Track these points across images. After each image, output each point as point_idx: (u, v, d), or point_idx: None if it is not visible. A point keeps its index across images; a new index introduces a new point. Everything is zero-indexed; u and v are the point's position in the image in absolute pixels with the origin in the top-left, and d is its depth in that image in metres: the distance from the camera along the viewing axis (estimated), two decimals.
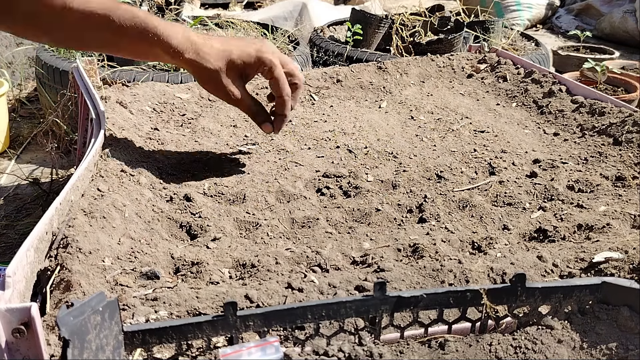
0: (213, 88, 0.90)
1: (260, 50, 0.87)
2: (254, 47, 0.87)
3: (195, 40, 0.86)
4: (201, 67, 0.86)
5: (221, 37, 0.90)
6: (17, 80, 2.54)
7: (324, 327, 0.54)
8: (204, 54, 0.85)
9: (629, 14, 3.87)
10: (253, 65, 0.87)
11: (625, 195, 0.85)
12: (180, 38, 0.84)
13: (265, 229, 0.79)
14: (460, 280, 0.65)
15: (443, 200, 0.87)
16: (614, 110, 1.10)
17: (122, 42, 0.85)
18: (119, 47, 0.88)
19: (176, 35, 0.84)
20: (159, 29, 0.83)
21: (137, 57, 0.93)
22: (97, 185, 0.78)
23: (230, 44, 0.87)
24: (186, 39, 0.85)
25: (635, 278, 0.61)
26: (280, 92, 0.89)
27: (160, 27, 0.83)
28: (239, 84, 0.89)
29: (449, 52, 1.89)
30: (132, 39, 0.83)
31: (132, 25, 0.82)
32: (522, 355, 0.52)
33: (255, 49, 0.87)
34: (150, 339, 0.49)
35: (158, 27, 0.83)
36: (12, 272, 0.54)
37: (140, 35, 0.83)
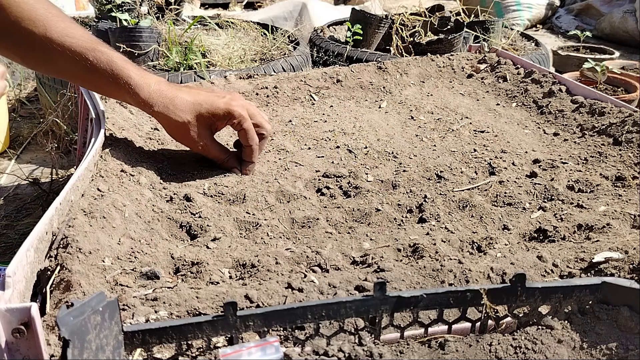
0: (182, 139, 0.92)
1: (229, 104, 0.89)
2: (223, 101, 0.89)
3: (166, 92, 0.88)
4: (170, 120, 0.88)
5: (192, 89, 0.92)
6: (17, 80, 2.54)
7: (324, 327, 0.54)
8: (173, 107, 0.88)
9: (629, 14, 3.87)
10: (222, 118, 0.89)
11: (625, 195, 0.85)
12: (151, 90, 0.87)
13: (265, 229, 0.79)
14: (460, 280, 0.65)
15: (443, 200, 0.87)
16: (614, 110, 1.10)
17: (94, 81, 0.88)
18: (92, 85, 0.92)
19: (147, 88, 0.87)
20: (132, 79, 0.86)
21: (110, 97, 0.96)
22: (97, 185, 0.78)
23: (199, 97, 0.89)
24: (157, 92, 0.87)
25: (635, 278, 0.61)
26: (248, 143, 0.91)
27: (133, 77, 0.86)
28: (207, 136, 0.91)
29: (449, 52, 1.89)
30: (105, 82, 0.86)
31: (107, 69, 0.85)
32: (522, 355, 0.52)
33: (224, 102, 0.89)
34: (150, 339, 0.49)
35: (131, 77, 0.86)
36: (12, 272, 0.54)
37: (113, 80, 0.86)
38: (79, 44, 0.84)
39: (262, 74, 1.37)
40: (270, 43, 2.08)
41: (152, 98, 0.87)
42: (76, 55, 0.84)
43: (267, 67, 1.81)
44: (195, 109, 0.88)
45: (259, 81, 1.29)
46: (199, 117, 0.88)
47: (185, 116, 0.88)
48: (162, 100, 0.87)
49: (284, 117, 1.18)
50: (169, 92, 0.88)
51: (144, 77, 0.87)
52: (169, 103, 0.87)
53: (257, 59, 1.99)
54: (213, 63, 1.88)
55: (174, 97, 0.88)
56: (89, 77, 0.87)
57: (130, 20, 1.93)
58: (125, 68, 0.86)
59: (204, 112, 0.88)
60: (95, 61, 0.84)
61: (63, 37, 0.84)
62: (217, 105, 0.88)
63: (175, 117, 0.88)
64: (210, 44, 1.94)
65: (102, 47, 0.86)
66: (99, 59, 0.84)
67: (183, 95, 0.88)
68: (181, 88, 0.90)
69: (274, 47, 2.05)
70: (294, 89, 1.29)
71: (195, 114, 0.88)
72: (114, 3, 2.04)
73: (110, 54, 0.86)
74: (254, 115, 0.91)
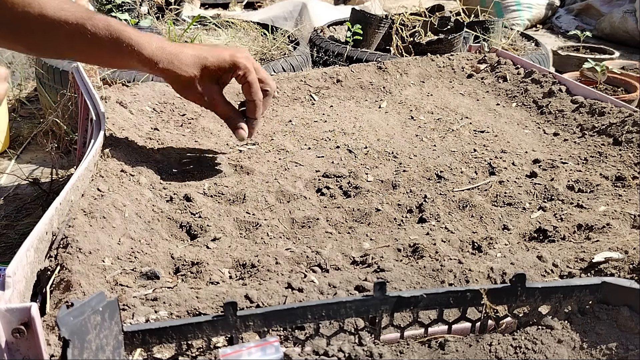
0: (189, 94, 0.91)
1: (235, 56, 0.88)
2: (228, 53, 0.88)
3: (169, 49, 0.87)
4: (176, 75, 0.87)
5: (196, 45, 0.91)
6: (17, 80, 2.54)
7: (324, 327, 0.54)
8: (178, 62, 0.86)
9: (629, 14, 3.87)
10: (228, 70, 0.89)
11: (625, 195, 0.85)
12: (154, 48, 0.85)
13: (265, 229, 0.79)
14: (460, 280, 0.65)
15: (443, 200, 0.87)
16: (614, 110, 1.10)
17: (96, 51, 0.86)
18: (93, 57, 0.90)
19: (150, 46, 0.85)
20: (132, 40, 0.84)
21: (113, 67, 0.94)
22: (97, 185, 0.78)
23: (203, 50, 0.88)
24: (160, 49, 0.86)
25: (635, 278, 0.61)
26: (252, 97, 0.90)
27: (134, 38, 0.84)
28: (214, 90, 0.90)
29: (449, 52, 1.89)
30: (106, 49, 0.85)
31: (106, 35, 0.83)
32: (522, 355, 0.52)
33: (229, 54, 0.88)
34: (150, 339, 0.49)
35: (132, 38, 0.84)
36: (12, 272, 0.54)
37: (114, 45, 0.84)
38: (75, 15, 0.83)
39: None
40: (270, 43, 2.08)
41: (155, 55, 0.85)
42: (73, 27, 0.83)
43: (267, 67, 1.81)
44: (200, 62, 0.87)
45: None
46: (204, 70, 0.88)
47: (191, 70, 0.87)
48: (167, 56, 0.86)
49: (284, 117, 1.18)
50: (172, 48, 0.87)
51: (145, 36, 0.86)
52: (173, 58, 0.86)
53: (257, 59, 1.99)
54: None
55: (178, 53, 0.87)
56: (90, 49, 0.86)
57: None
58: (124, 30, 0.85)
59: (209, 65, 0.87)
60: (94, 29, 0.83)
61: (58, 11, 0.83)
62: (222, 57, 0.88)
63: (181, 72, 0.87)
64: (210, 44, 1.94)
65: (98, 15, 0.85)
66: (97, 26, 0.83)
67: (187, 50, 0.88)
68: (184, 44, 0.89)
69: (274, 47, 2.05)
70: (294, 89, 1.29)
71: (201, 67, 0.87)
72: (114, 3, 2.04)
73: (107, 19, 0.85)
74: (258, 70, 0.91)
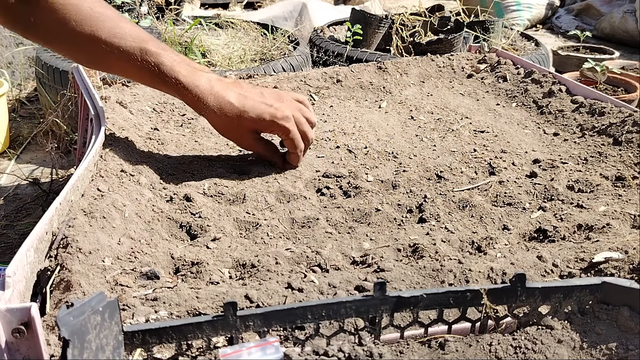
0: (228, 137, 0.96)
1: (275, 116, 0.90)
2: (269, 112, 0.90)
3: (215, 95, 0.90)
4: (216, 122, 0.92)
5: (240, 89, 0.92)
6: (17, 80, 2.54)
7: (324, 327, 0.54)
8: (219, 111, 0.90)
9: (629, 14, 3.86)
10: (267, 128, 0.92)
11: (625, 195, 0.85)
12: (200, 91, 0.89)
13: (265, 229, 0.79)
14: (460, 280, 0.65)
15: (443, 200, 0.87)
16: (614, 110, 1.10)
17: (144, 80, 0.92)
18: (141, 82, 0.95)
19: (196, 90, 0.89)
20: (181, 81, 0.88)
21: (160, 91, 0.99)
22: (97, 185, 0.78)
23: (246, 103, 0.91)
24: (205, 93, 0.89)
25: (635, 278, 0.61)
26: (294, 150, 0.94)
27: (181, 81, 0.88)
28: (252, 137, 0.94)
29: (449, 52, 1.89)
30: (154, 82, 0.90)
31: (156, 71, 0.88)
32: (522, 355, 0.52)
33: (270, 113, 0.90)
34: (150, 339, 0.49)
35: (180, 80, 0.88)
36: (12, 272, 0.54)
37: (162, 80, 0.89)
38: (127, 44, 0.86)
39: (262, 74, 1.37)
40: (270, 43, 2.08)
41: (201, 100, 0.89)
42: (124, 56, 0.86)
43: (267, 67, 1.81)
44: (240, 116, 0.90)
45: (259, 81, 1.29)
46: (243, 122, 0.91)
47: (231, 122, 0.91)
48: (210, 104, 0.89)
49: None
50: (217, 95, 0.90)
51: (193, 77, 0.89)
52: (215, 106, 0.90)
53: (257, 59, 1.99)
54: (213, 63, 1.88)
55: (221, 102, 0.90)
56: (139, 76, 0.90)
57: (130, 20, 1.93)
58: (173, 71, 0.88)
59: (249, 120, 0.90)
60: (144, 62, 0.87)
61: (111, 37, 0.86)
62: (262, 117, 0.90)
63: (222, 121, 0.91)
64: (210, 44, 1.94)
65: (150, 45, 0.87)
66: (147, 61, 0.87)
67: (231, 100, 0.90)
68: (231, 89, 0.92)
69: (274, 47, 2.05)
70: (294, 89, 1.29)
71: (240, 119, 0.90)
72: (114, 3, 2.04)
73: (158, 55, 0.87)
74: (300, 124, 0.93)
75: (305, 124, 0.94)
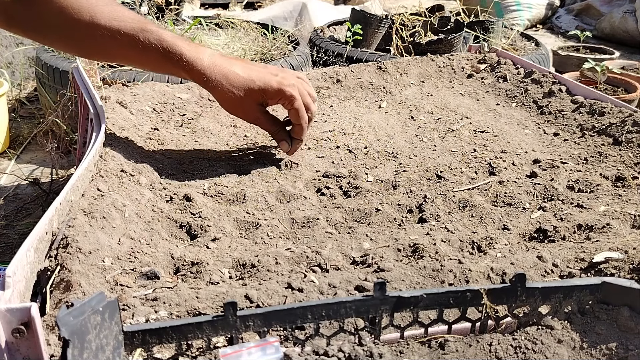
0: (233, 112, 0.95)
1: (282, 84, 0.91)
2: (275, 80, 0.91)
3: (220, 67, 0.89)
4: (223, 95, 0.91)
5: (246, 64, 0.93)
6: (17, 80, 2.54)
7: (324, 327, 0.54)
8: (227, 83, 0.90)
9: (629, 14, 3.86)
10: (273, 97, 0.92)
11: (625, 195, 0.85)
12: (205, 64, 0.88)
13: (265, 229, 0.79)
14: (460, 280, 0.65)
15: (443, 200, 0.87)
16: (614, 110, 1.10)
17: (147, 61, 0.90)
18: (144, 65, 0.94)
19: (201, 62, 0.88)
20: (184, 55, 0.87)
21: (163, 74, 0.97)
22: (97, 185, 0.78)
23: (252, 73, 0.91)
24: (211, 66, 0.89)
25: (635, 278, 0.61)
26: (299, 121, 0.94)
27: (186, 53, 0.87)
28: (259, 110, 0.94)
29: (449, 52, 1.89)
30: (157, 61, 0.88)
31: (158, 48, 0.86)
32: (522, 355, 0.52)
33: (276, 81, 0.91)
34: (150, 339, 0.49)
35: (184, 53, 0.87)
36: (12, 272, 0.54)
37: (166, 58, 0.87)
38: (127, 26, 0.85)
39: None
40: (270, 43, 2.08)
41: (206, 73, 0.88)
42: (126, 38, 0.85)
43: None
44: (247, 85, 0.90)
45: None
46: (250, 93, 0.90)
47: (238, 92, 0.90)
48: (216, 76, 0.89)
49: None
50: (222, 67, 0.89)
51: (197, 51, 0.89)
52: (222, 78, 0.89)
53: (257, 59, 1.99)
54: None
55: (227, 73, 0.89)
56: (142, 59, 0.89)
57: None
58: (176, 45, 0.87)
59: (256, 89, 0.90)
60: (147, 42, 0.86)
61: (110, 21, 0.85)
62: (269, 84, 0.90)
63: (229, 93, 0.90)
64: (210, 44, 1.94)
65: (150, 26, 0.87)
66: (149, 39, 0.86)
67: (236, 70, 0.90)
68: (235, 62, 0.92)
69: (274, 47, 2.05)
70: None
71: (247, 89, 0.90)
72: None
73: (159, 32, 0.87)
74: (303, 95, 0.93)
75: (307, 96, 0.95)
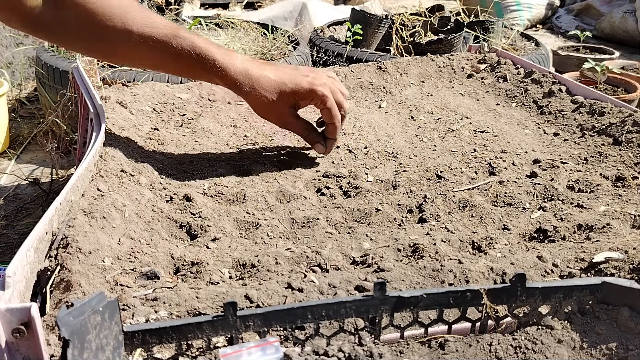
0: (266, 116, 0.96)
1: (313, 84, 0.92)
2: (306, 80, 0.92)
3: (252, 72, 0.90)
4: (256, 100, 0.92)
5: (278, 67, 0.94)
6: (17, 80, 2.54)
7: (324, 327, 0.54)
8: (259, 88, 0.91)
9: (629, 14, 3.86)
10: (305, 97, 0.93)
11: (625, 195, 0.85)
12: (237, 70, 0.89)
13: (265, 229, 0.79)
14: (460, 280, 0.65)
15: (443, 200, 0.87)
16: (614, 110, 1.10)
17: (179, 68, 0.91)
18: (176, 71, 0.94)
19: (234, 67, 0.89)
20: (217, 60, 0.88)
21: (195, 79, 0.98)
22: (97, 185, 0.78)
23: (284, 76, 0.92)
24: (243, 71, 0.90)
25: (635, 278, 0.61)
26: (332, 120, 0.95)
27: (218, 58, 0.88)
28: (291, 113, 0.95)
29: (449, 52, 1.89)
30: (190, 67, 0.89)
31: (191, 54, 0.87)
32: (522, 355, 0.52)
33: (308, 82, 0.92)
34: (150, 339, 0.49)
35: (217, 59, 0.88)
36: (12, 272, 0.54)
37: (199, 63, 0.88)
38: (160, 32, 0.86)
39: None
40: (270, 43, 2.08)
41: (238, 78, 0.90)
42: (159, 44, 0.86)
43: None
44: (279, 88, 0.91)
45: None
46: (283, 96, 0.91)
47: (270, 96, 0.91)
48: (248, 81, 0.90)
49: None
50: (254, 72, 0.91)
51: (229, 57, 0.90)
52: (254, 83, 0.90)
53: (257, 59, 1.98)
54: None
55: (259, 77, 0.90)
56: (174, 65, 0.90)
57: None
58: (209, 51, 0.88)
59: (288, 91, 0.91)
60: (179, 47, 0.86)
61: (143, 28, 0.86)
62: (301, 85, 0.91)
63: (261, 97, 0.91)
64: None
65: (182, 32, 0.88)
66: (182, 45, 0.86)
67: (268, 74, 0.91)
68: (266, 66, 0.93)
69: (274, 47, 2.05)
70: None
71: (279, 92, 0.91)
72: None
73: (191, 38, 0.88)
74: (335, 93, 0.94)
75: (339, 94, 0.95)
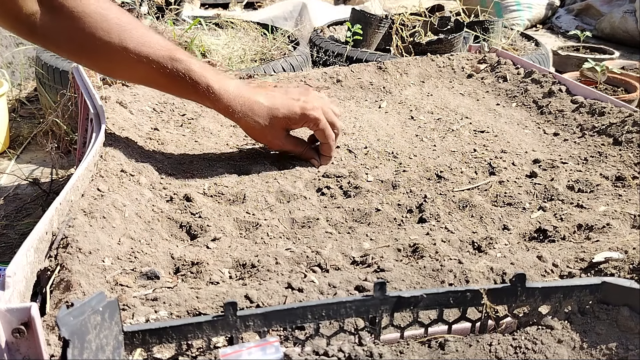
0: (259, 140, 0.99)
1: (305, 108, 0.93)
2: (298, 105, 0.93)
3: (245, 98, 0.92)
4: (249, 125, 0.94)
5: (269, 92, 0.96)
6: (17, 80, 2.54)
7: (324, 327, 0.54)
8: (252, 114, 0.93)
9: (629, 14, 3.86)
10: (298, 122, 0.94)
11: (625, 195, 0.85)
12: (231, 96, 0.91)
13: (265, 229, 0.79)
14: (460, 280, 0.65)
15: (443, 200, 0.87)
16: (614, 110, 1.10)
17: (174, 89, 0.93)
18: (170, 91, 0.97)
19: (227, 94, 0.91)
20: (211, 87, 0.90)
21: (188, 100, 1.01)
22: (97, 185, 0.78)
23: (276, 101, 0.94)
24: (236, 98, 0.91)
25: (635, 278, 0.61)
26: (326, 140, 0.96)
27: (213, 85, 0.90)
28: (283, 136, 0.96)
29: (449, 52, 1.89)
30: (184, 89, 0.91)
31: (185, 78, 0.89)
32: (522, 355, 0.52)
33: (300, 106, 0.93)
34: (150, 339, 0.49)
35: (210, 85, 0.90)
36: (12, 272, 0.54)
37: (192, 88, 0.90)
38: (156, 53, 0.87)
39: (262, 74, 1.37)
40: (270, 43, 2.08)
41: (232, 105, 0.91)
42: (154, 64, 0.88)
43: (267, 67, 1.81)
44: (272, 114, 0.93)
45: (259, 81, 1.29)
46: (275, 121, 0.93)
47: (263, 122, 0.93)
48: (241, 107, 0.92)
49: None
50: (247, 98, 0.92)
51: (223, 83, 0.91)
52: (247, 110, 0.92)
53: (257, 59, 1.99)
54: (213, 63, 1.88)
55: (252, 104, 0.92)
56: (169, 85, 0.92)
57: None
58: (203, 76, 0.89)
59: (281, 117, 0.93)
60: (174, 70, 0.88)
61: (139, 46, 0.87)
62: (293, 111, 0.93)
63: (254, 124, 0.93)
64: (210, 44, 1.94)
65: (178, 54, 0.89)
66: (177, 69, 0.88)
67: (261, 100, 0.93)
68: (259, 91, 0.95)
69: (274, 47, 2.05)
70: None
71: (272, 118, 0.93)
72: None
73: (188, 62, 0.89)
74: (327, 114, 0.96)
75: (331, 114, 0.97)
